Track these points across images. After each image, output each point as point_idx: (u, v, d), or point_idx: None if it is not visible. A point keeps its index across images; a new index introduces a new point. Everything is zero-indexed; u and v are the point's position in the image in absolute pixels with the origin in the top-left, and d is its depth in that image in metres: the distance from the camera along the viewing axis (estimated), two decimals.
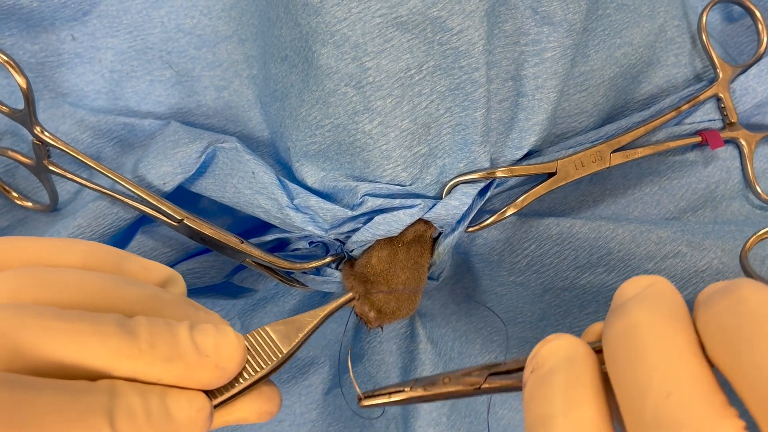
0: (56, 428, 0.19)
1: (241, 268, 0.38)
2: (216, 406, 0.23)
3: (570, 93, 0.38)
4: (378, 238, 0.33)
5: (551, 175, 0.35)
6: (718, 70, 0.39)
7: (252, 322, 0.39)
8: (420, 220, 0.33)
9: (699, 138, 0.38)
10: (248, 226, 0.38)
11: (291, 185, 0.33)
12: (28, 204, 0.37)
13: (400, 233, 0.32)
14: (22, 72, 0.31)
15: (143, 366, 0.21)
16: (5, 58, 0.31)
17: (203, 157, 0.33)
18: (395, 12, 0.30)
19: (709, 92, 0.39)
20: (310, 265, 0.34)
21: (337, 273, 0.35)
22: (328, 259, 0.35)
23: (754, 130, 0.40)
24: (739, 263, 0.30)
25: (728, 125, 0.40)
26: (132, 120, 0.37)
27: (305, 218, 0.32)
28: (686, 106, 0.38)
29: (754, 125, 0.41)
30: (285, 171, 0.37)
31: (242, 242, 0.33)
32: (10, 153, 0.35)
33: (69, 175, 0.34)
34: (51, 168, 0.34)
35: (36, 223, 0.37)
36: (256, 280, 0.38)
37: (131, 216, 0.34)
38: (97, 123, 0.37)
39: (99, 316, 0.21)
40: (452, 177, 0.33)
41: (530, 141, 0.35)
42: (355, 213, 0.32)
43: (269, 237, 0.35)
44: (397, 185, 0.33)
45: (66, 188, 0.37)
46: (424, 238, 0.33)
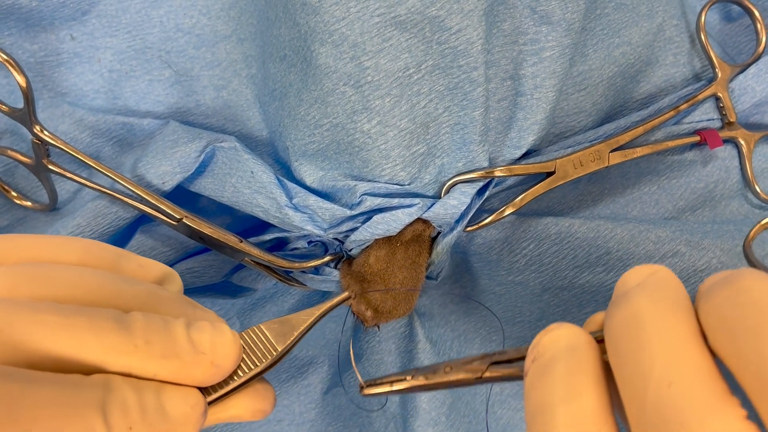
0: (50, 421, 0.19)
1: (240, 268, 0.38)
2: (210, 403, 0.23)
3: (568, 92, 0.38)
4: (376, 238, 0.33)
5: (550, 175, 0.35)
6: (717, 70, 0.39)
7: (251, 321, 0.39)
8: (418, 220, 0.33)
9: (698, 137, 0.38)
10: (247, 226, 0.38)
11: (290, 184, 0.33)
12: (28, 203, 0.37)
13: (399, 232, 0.32)
14: (22, 71, 0.31)
15: (138, 361, 0.21)
16: (5, 57, 0.31)
17: (202, 157, 0.33)
18: (394, 11, 0.30)
19: (708, 92, 0.39)
20: (309, 264, 0.34)
21: (336, 272, 0.35)
22: (327, 259, 0.35)
23: (753, 130, 0.40)
24: (743, 252, 0.29)
25: (727, 125, 0.40)
26: (131, 119, 0.37)
27: (304, 217, 0.32)
28: (685, 106, 0.38)
29: (753, 124, 0.41)
30: (284, 170, 0.37)
31: (241, 241, 0.33)
32: (10, 152, 0.36)
33: (68, 175, 0.34)
34: (50, 167, 0.34)
35: (35, 223, 0.37)
36: (255, 280, 0.38)
37: (130, 215, 0.34)
38: (96, 122, 0.37)
39: (95, 311, 0.21)
40: (451, 176, 0.33)
41: (529, 140, 0.35)
42: (354, 212, 0.32)
43: (268, 236, 0.35)
44: (396, 184, 0.33)
45: (65, 187, 0.37)
46: (423, 238, 0.33)
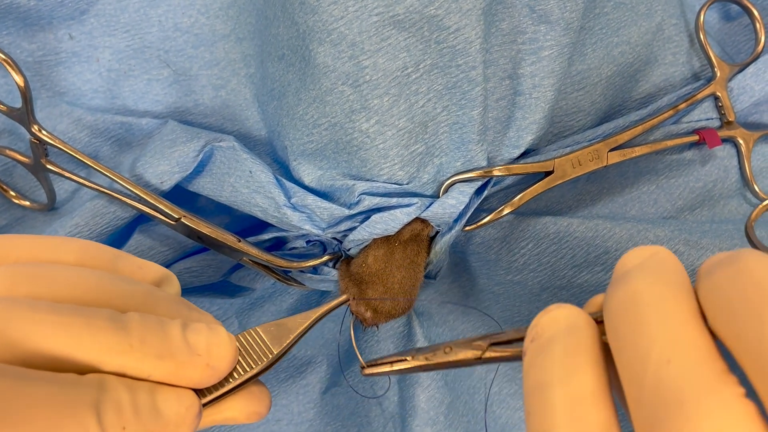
0: (43, 419, 0.19)
1: (239, 267, 0.38)
2: (205, 405, 0.23)
3: (567, 92, 0.38)
4: (375, 237, 0.33)
5: (548, 174, 0.35)
6: (716, 69, 0.39)
7: (250, 321, 0.39)
8: (417, 219, 0.33)
9: (696, 137, 0.38)
10: (245, 225, 0.38)
11: (288, 184, 0.33)
12: (26, 203, 0.37)
13: (397, 232, 0.32)
14: (20, 70, 0.31)
15: (133, 362, 0.21)
16: (3, 56, 0.31)
17: (201, 156, 0.33)
18: (392, 10, 0.30)
19: (707, 91, 0.39)
20: (308, 264, 0.34)
21: (334, 272, 0.35)
22: (325, 258, 0.35)
23: (752, 129, 0.40)
24: (744, 233, 0.29)
25: (726, 124, 0.40)
26: (129, 119, 0.37)
27: (302, 217, 0.32)
28: (684, 105, 0.38)
29: (752, 124, 0.41)
30: (282, 170, 0.37)
31: (239, 241, 0.33)
32: (8, 152, 0.35)
33: (67, 174, 0.34)
34: (49, 167, 0.34)
35: (34, 222, 0.37)
36: (254, 279, 0.38)
37: (129, 215, 0.34)
38: (95, 122, 0.37)
39: (91, 311, 0.21)
40: (449, 176, 0.33)
41: (527, 140, 0.35)
42: (352, 212, 0.32)
43: (266, 236, 0.35)
44: (394, 184, 0.33)
45: (64, 187, 0.37)
46: (421, 237, 0.33)
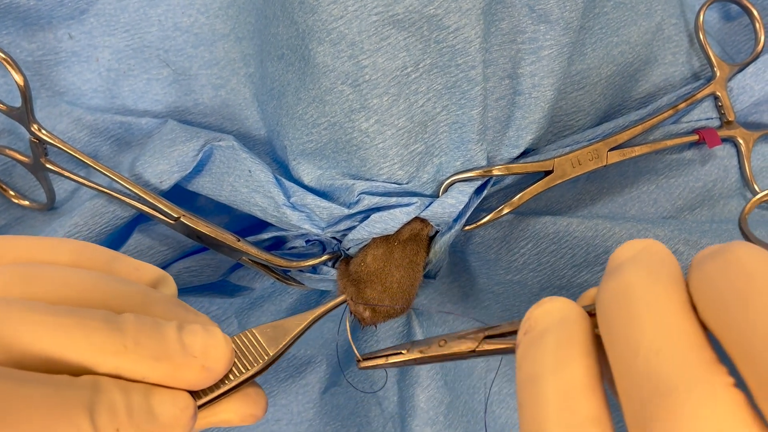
0: (36, 421, 0.19)
1: (238, 267, 0.38)
2: (200, 407, 0.23)
3: (567, 91, 0.38)
4: (374, 236, 0.32)
5: (548, 174, 0.35)
6: (716, 69, 0.39)
7: (249, 321, 0.39)
8: (416, 219, 0.33)
9: (696, 136, 0.38)
10: (245, 225, 0.38)
11: (287, 183, 0.33)
12: (25, 202, 0.37)
13: (397, 231, 0.32)
14: (20, 69, 0.31)
15: (128, 363, 0.21)
16: (3, 56, 0.31)
17: (200, 156, 0.33)
18: (392, 10, 0.30)
19: (707, 90, 0.39)
20: (307, 263, 0.34)
21: (334, 271, 0.35)
22: (325, 258, 0.35)
23: (752, 129, 0.40)
24: (738, 226, 0.30)
25: (726, 124, 0.40)
26: (129, 118, 0.37)
27: (302, 216, 0.32)
28: (683, 105, 0.38)
29: (752, 123, 0.41)
30: (282, 169, 0.37)
31: (239, 240, 0.33)
32: (8, 151, 0.35)
33: (66, 174, 0.34)
34: (48, 166, 0.34)
35: (33, 222, 0.37)
36: (253, 279, 0.38)
37: (128, 214, 0.34)
38: (94, 121, 0.37)
39: (86, 311, 0.21)
40: (449, 175, 0.33)
41: (527, 139, 0.35)
42: (352, 211, 0.32)
43: (266, 235, 0.35)
44: (394, 183, 0.33)
45: (63, 187, 0.37)
46: (421, 237, 0.33)
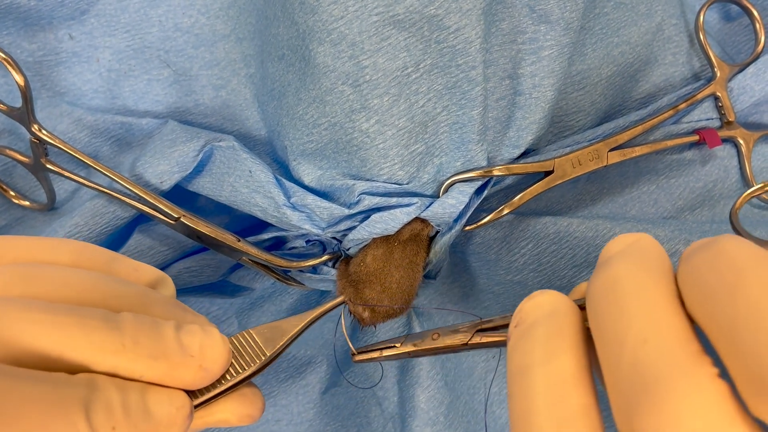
0: (33, 418, 0.19)
1: (238, 267, 0.38)
2: (197, 406, 0.23)
3: (567, 92, 0.38)
4: (374, 237, 0.32)
5: (548, 174, 0.35)
6: (716, 69, 0.39)
7: (249, 321, 0.39)
8: (417, 219, 0.33)
9: (697, 137, 0.38)
10: (245, 225, 0.38)
11: (288, 184, 0.33)
12: (26, 203, 0.37)
13: (397, 232, 0.32)
14: (20, 70, 0.31)
15: (125, 362, 0.21)
16: (3, 56, 0.31)
17: (200, 156, 0.33)
18: (392, 10, 0.30)
19: (707, 91, 0.39)
20: (307, 264, 0.34)
21: (334, 271, 0.35)
22: (325, 258, 0.35)
23: (752, 129, 0.40)
24: (729, 220, 0.30)
25: (726, 124, 0.40)
26: (129, 119, 0.37)
27: (302, 216, 0.32)
28: (684, 105, 0.38)
29: (752, 124, 0.41)
30: (282, 169, 0.37)
31: (239, 240, 0.33)
32: (8, 151, 0.36)
33: (66, 174, 0.34)
34: (48, 166, 0.34)
35: (33, 222, 0.37)
36: (253, 279, 0.38)
37: (128, 215, 0.34)
38: (95, 122, 0.37)
39: (85, 310, 0.21)
40: (449, 175, 0.33)
41: (527, 139, 0.35)
42: (352, 211, 0.32)
43: (266, 235, 0.35)
44: (394, 184, 0.33)
45: (63, 187, 0.37)
46: (421, 237, 0.33)
